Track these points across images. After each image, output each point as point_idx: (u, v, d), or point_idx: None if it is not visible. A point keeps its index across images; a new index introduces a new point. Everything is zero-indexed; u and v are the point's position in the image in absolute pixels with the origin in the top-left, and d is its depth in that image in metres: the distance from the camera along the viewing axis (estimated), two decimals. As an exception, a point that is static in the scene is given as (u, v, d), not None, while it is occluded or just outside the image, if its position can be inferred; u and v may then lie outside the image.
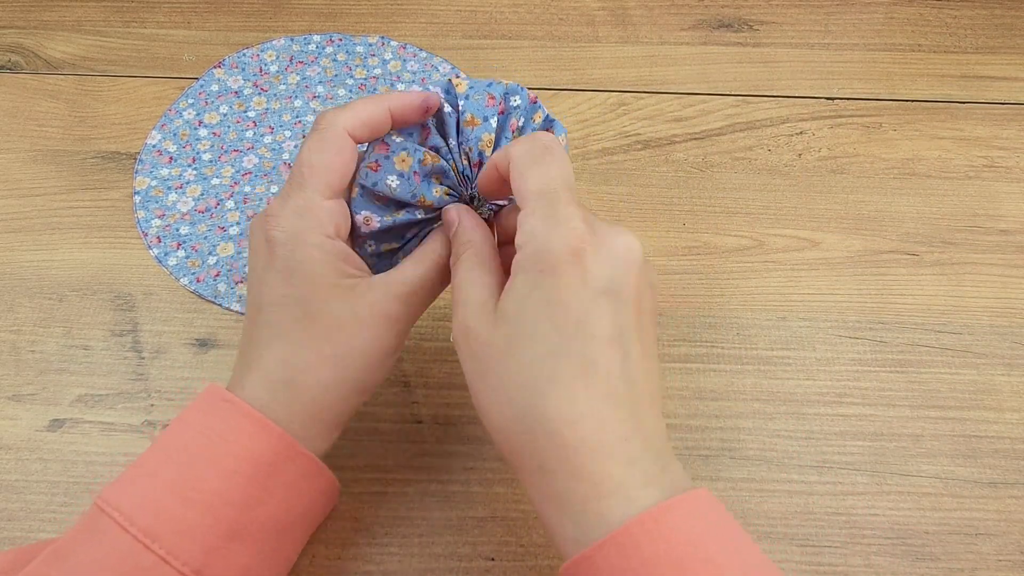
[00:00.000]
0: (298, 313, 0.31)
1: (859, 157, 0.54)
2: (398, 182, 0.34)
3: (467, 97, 0.34)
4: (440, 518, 0.40)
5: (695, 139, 0.54)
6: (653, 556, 0.25)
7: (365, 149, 0.35)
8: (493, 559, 0.39)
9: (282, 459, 0.30)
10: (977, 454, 0.42)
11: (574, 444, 0.27)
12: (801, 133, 0.55)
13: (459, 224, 0.33)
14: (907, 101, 0.57)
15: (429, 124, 0.35)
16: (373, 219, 0.34)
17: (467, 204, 0.35)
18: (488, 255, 0.32)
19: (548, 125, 0.37)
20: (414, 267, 0.33)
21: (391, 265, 0.35)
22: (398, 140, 0.34)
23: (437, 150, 0.34)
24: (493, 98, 0.34)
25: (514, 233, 0.30)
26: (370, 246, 0.35)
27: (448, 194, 0.35)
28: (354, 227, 0.35)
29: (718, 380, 0.44)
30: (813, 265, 0.49)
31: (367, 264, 0.35)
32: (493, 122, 0.34)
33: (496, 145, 0.35)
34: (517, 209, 0.31)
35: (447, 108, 0.34)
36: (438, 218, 0.35)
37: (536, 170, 0.30)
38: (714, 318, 0.46)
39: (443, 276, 0.34)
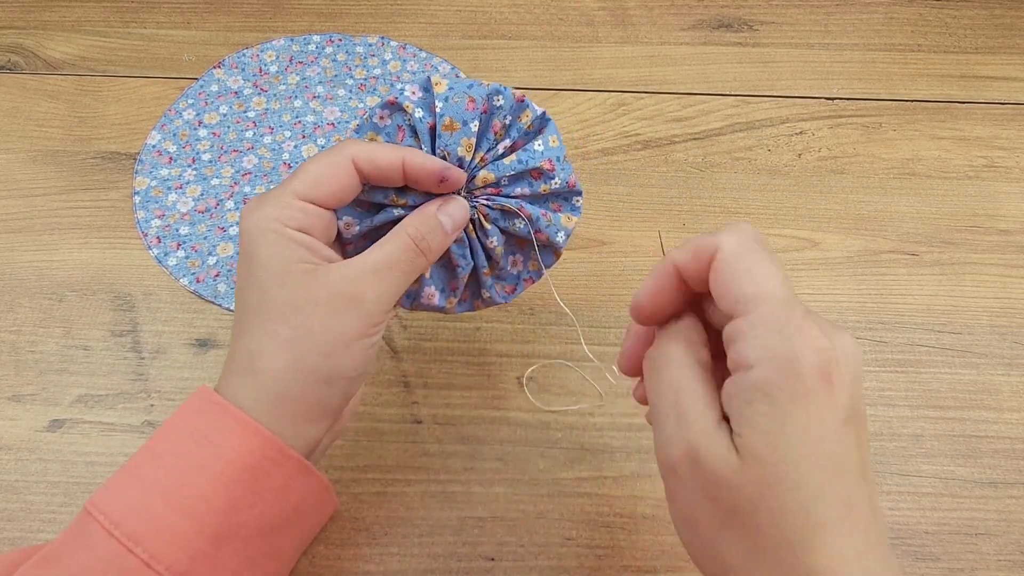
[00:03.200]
0: (255, 300, 0.31)
1: (859, 157, 0.54)
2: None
3: (446, 99, 0.32)
4: (440, 518, 0.40)
5: (695, 139, 0.54)
6: None
7: None
8: (493, 559, 0.39)
9: (269, 462, 0.30)
10: (977, 454, 0.42)
11: None
12: (801, 133, 0.55)
13: (675, 322, 0.29)
14: (907, 101, 0.57)
15: (404, 125, 0.33)
16: (353, 223, 0.34)
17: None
18: (705, 357, 0.28)
19: (542, 124, 0.35)
20: (380, 246, 0.32)
21: None
22: None
23: None
24: (473, 101, 0.32)
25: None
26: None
27: (425, 193, 0.33)
28: (341, 237, 0.34)
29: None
30: (813, 265, 0.49)
31: None
32: (473, 126, 0.32)
33: (477, 148, 0.33)
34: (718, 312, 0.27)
35: (419, 113, 0.33)
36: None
37: (761, 268, 0.26)
38: (714, 318, 0.46)
39: (413, 256, 0.32)
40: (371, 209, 0.34)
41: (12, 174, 0.51)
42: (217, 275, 0.47)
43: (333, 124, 0.54)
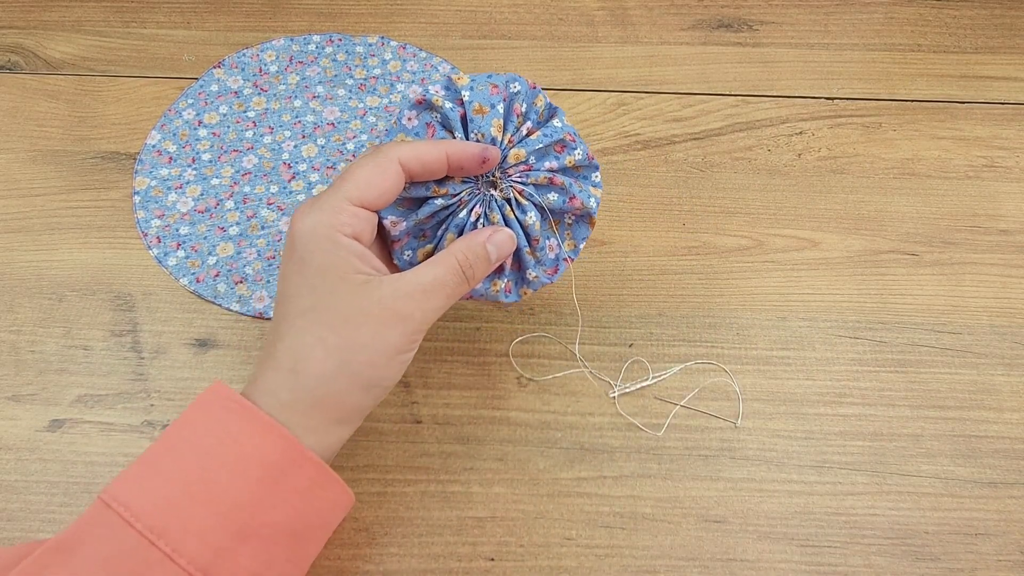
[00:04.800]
0: (306, 304, 0.32)
1: (859, 157, 0.54)
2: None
3: (471, 88, 0.35)
4: (440, 518, 0.40)
5: (695, 139, 0.54)
6: None
7: None
8: (493, 559, 0.39)
9: (289, 462, 0.30)
10: (977, 454, 0.42)
11: None
12: (801, 133, 0.55)
13: None
14: (907, 101, 0.57)
15: (433, 122, 0.36)
16: (398, 221, 0.35)
17: (478, 187, 0.36)
18: None
19: (552, 111, 0.38)
20: (428, 267, 0.33)
21: None
22: None
23: None
24: (496, 87, 0.35)
25: None
26: (407, 254, 0.36)
27: (463, 180, 0.35)
28: (388, 235, 0.36)
29: (718, 380, 0.44)
30: (813, 265, 0.49)
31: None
32: (500, 108, 0.35)
33: (504, 130, 0.35)
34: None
35: (448, 104, 0.35)
36: (461, 204, 0.35)
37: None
38: (714, 318, 0.46)
39: (459, 279, 0.34)
40: (412, 205, 0.36)
41: (12, 174, 0.51)
42: (217, 275, 0.47)
43: (333, 124, 0.54)
